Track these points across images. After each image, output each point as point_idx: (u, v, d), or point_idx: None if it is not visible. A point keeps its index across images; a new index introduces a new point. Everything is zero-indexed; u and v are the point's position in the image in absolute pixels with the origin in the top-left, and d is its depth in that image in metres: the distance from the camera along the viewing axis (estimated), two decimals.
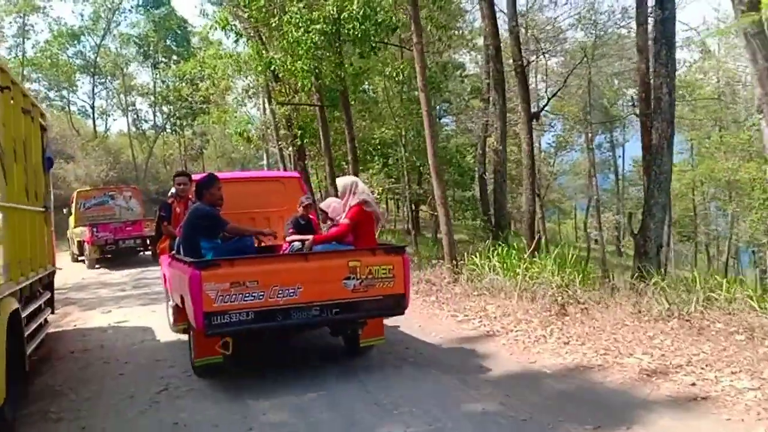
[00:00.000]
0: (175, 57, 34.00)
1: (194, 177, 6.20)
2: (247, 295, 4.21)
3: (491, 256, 8.37)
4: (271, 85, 15.78)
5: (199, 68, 20.53)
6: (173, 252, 5.38)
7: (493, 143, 19.93)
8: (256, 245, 5.44)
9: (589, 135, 31.76)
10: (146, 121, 38.76)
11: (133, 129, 38.31)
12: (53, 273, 6.35)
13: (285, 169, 19.82)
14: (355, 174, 13.14)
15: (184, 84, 28.78)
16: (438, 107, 22.73)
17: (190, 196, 5.95)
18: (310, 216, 6.45)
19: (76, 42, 34.51)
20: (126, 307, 8.54)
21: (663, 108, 9.24)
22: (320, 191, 19.86)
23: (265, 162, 25.69)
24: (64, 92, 36.07)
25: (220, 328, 4.19)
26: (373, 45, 10.90)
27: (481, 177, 19.32)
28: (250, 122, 18.94)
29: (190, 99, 29.63)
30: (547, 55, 17.72)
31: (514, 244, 9.50)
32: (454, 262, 8.52)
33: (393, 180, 22.33)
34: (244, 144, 18.43)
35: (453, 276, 8.47)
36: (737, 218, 30.21)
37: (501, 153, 13.92)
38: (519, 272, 7.64)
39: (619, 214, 35.04)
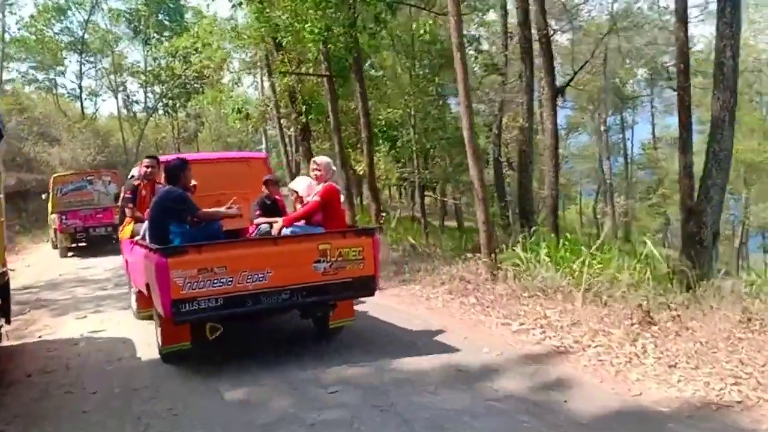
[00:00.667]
0: (167, 33, 32.12)
1: (161, 159, 6.23)
2: (216, 281, 4.17)
3: (539, 249, 7.05)
4: (272, 57, 14.26)
5: (193, 42, 18.91)
6: (137, 237, 5.29)
7: (507, 123, 18.60)
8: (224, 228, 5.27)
9: (602, 116, 30.39)
10: (137, 103, 37.04)
11: (124, 111, 36.62)
12: (5, 275, 4.98)
13: (286, 152, 18.46)
14: (370, 155, 11.79)
15: (177, 61, 27.00)
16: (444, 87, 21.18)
17: (156, 180, 5.87)
18: (276, 196, 6.33)
19: (62, 17, 32.62)
20: (105, 310, 7.23)
21: (726, 74, 7.85)
22: None
23: (263, 145, 24.28)
24: (51, 73, 34.30)
25: (189, 315, 4.14)
26: (390, 4, 9.48)
27: (497, 160, 17.96)
28: (247, 102, 17.49)
29: (183, 76, 27.93)
30: (572, 24, 16.32)
31: (566, 234, 8.19)
32: (494, 256, 7.19)
33: (401, 165, 21.03)
34: (242, 122, 16.93)
35: (491, 273, 7.15)
36: (750, 202, 29.20)
37: (527, 131, 12.54)
38: (576, 268, 6.37)
39: (630, 198, 33.90)
